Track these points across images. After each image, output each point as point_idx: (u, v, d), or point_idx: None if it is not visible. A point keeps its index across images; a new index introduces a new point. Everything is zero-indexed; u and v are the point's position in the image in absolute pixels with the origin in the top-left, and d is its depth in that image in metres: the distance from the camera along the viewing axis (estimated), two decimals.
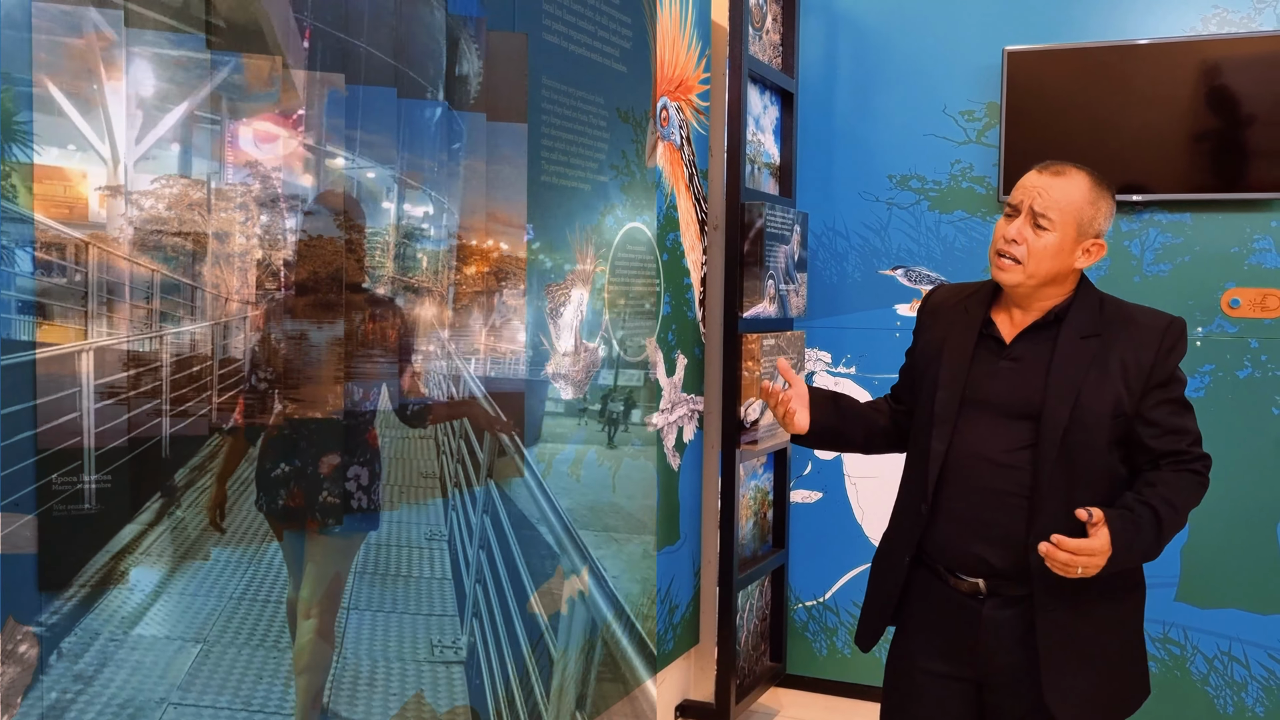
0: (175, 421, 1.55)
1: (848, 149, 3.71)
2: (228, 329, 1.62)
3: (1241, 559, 3.29)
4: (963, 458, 1.93)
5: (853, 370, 3.73)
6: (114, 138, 1.43)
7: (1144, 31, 3.32)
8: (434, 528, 2.08)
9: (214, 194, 1.58)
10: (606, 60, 2.67)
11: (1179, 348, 1.89)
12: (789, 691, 3.82)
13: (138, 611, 1.52)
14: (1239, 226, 3.25)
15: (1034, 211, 1.87)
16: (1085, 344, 1.89)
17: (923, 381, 2.03)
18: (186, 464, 1.57)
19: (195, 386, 1.58)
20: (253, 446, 1.69)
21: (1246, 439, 3.26)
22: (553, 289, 2.45)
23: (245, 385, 1.67)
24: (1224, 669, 3.32)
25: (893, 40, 3.63)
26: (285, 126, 1.67)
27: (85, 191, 1.40)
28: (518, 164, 2.29)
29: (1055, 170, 1.89)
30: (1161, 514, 1.84)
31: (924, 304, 2.14)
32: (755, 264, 3.25)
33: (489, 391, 2.21)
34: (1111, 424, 1.86)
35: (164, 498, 1.55)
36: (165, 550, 1.56)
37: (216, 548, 1.64)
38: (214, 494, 1.63)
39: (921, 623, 2.02)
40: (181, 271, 1.54)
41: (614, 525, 2.76)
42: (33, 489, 1.38)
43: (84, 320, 1.42)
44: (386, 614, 1.98)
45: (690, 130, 3.23)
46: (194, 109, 1.54)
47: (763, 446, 3.36)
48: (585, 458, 2.62)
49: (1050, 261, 1.87)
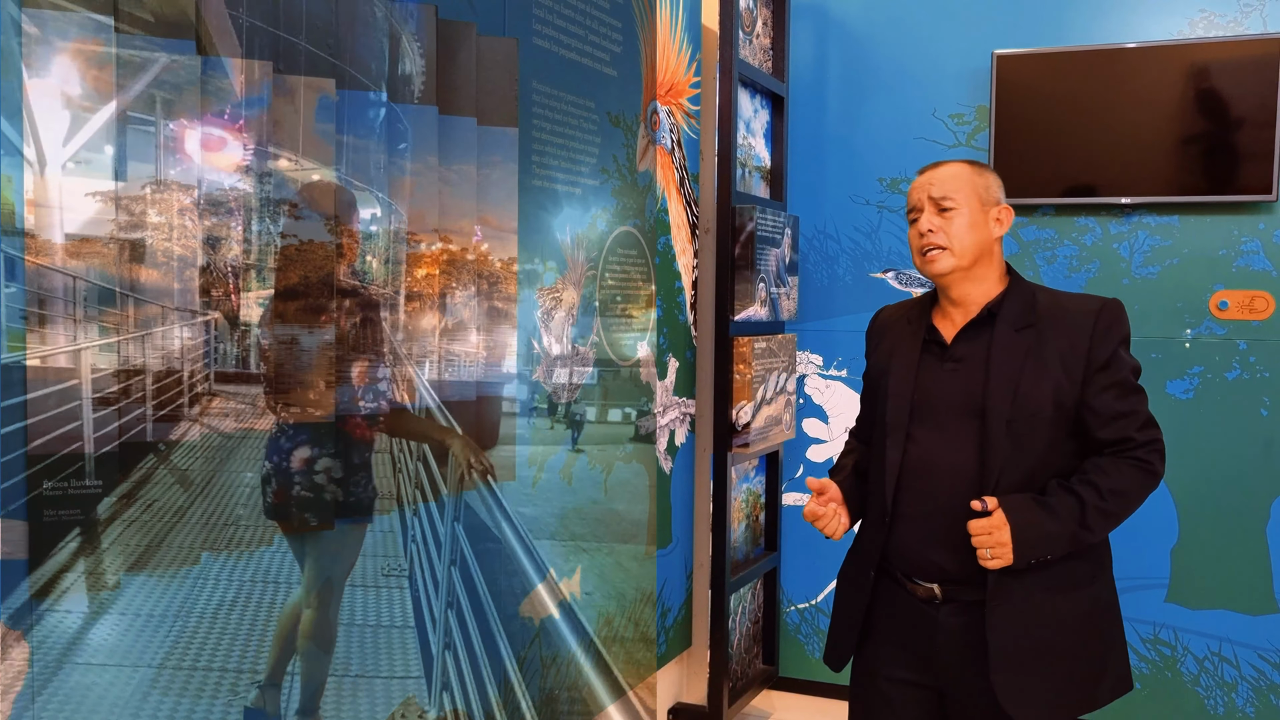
0: (115, 435, 1.44)
1: (838, 152, 3.72)
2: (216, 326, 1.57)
3: (1231, 560, 3.30)
4: (916, 464, 1.95)
5: (844, 373, 3.74)
6: (39, 140, 1.35)
7: (1132, 35, 3.33)
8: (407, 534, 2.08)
9: (151, 200, 1.49)
10: (597, 64, 2.68)
11: (1115, 329, 1.89)
12: (781, 694, 3.82)
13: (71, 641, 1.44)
14: (1227, 229, 3.27)
15: (934, 199, 1.94)
16: (1020, 336, 1.90)
17: (877, 397, 2.06)
18: (131, 472, 1.48)
19: (134, 399, 1.47)
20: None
21: (1235, 440, 3.27)
22: (544, 293, 2.45)
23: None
24: (1214, 670, 3.33)
25: (882, 44, 3.64)
26: (228, 130, 1.61)
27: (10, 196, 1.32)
28: (508, 168, 2.30)
29: (933, 165, 2.00)
30: (1085, 499, 1.84)
31: (871, 326, 2.18)
32: (746, 267, 3.26)
33: (459, 399, 2.21)
34: (1054, 414, 1.87)
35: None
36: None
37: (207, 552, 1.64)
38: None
39: (884, 630, 2.02)
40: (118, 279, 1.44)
41: (607, 531, 2.77)
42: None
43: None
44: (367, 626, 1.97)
45: (681, 134, 3.23)
46: (126, 109, 1.45)
47: (754, 449, 3.36)
48: (551, 462, 2.62)
49: (970, 235, 1.92)
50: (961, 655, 1.91)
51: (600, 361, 2.71)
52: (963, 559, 1.89)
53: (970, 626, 1.90)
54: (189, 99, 1.54)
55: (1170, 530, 3.35)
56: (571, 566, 2.60)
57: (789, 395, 3.62)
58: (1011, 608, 1.87)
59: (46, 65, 1.36)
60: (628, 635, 2.90)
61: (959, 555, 1.89)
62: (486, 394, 2.24)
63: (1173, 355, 3.32)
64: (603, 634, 2.75)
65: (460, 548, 2.18)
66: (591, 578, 2.69)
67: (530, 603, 2.42)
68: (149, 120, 1.49)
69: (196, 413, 1.58)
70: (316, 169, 1.77)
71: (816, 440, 3.80)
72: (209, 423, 1.59)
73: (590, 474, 2.69)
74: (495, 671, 2.28)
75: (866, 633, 2.05)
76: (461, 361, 2.17)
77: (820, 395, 3.79)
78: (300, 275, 1.74)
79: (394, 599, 1.98)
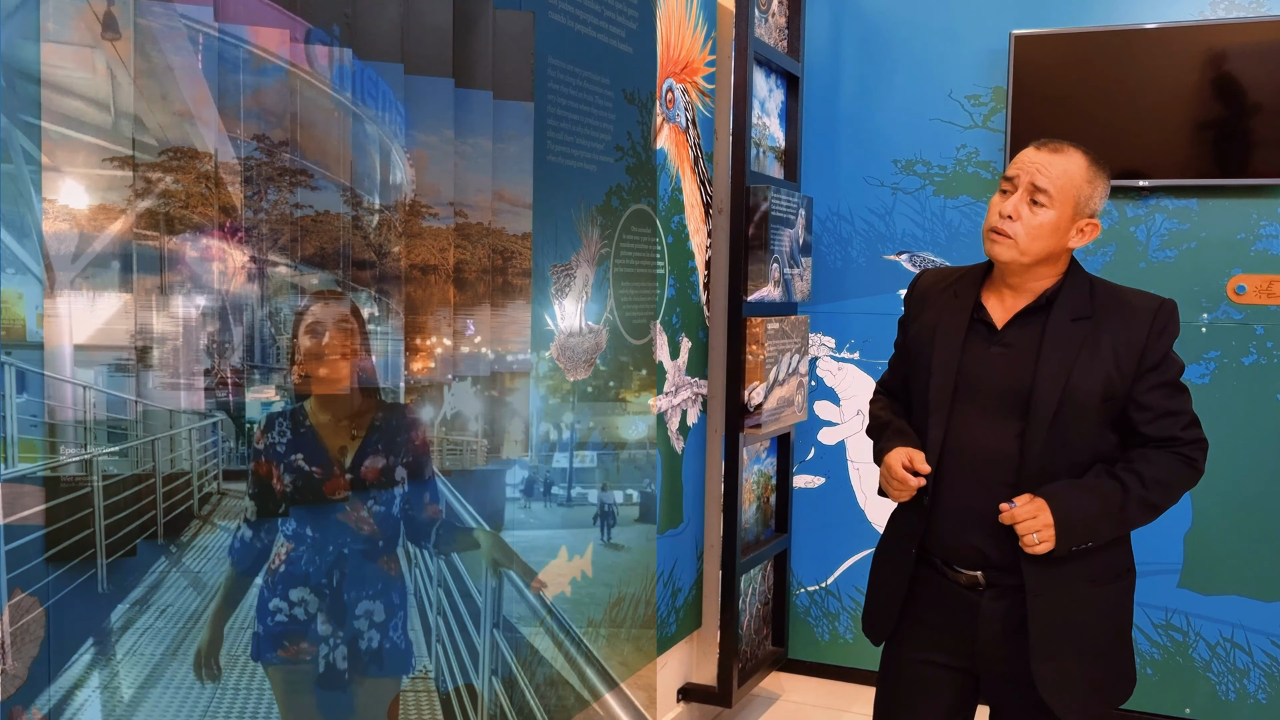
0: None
1: (853, 133, 3.70)
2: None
3: (1245, 546, 3.28)
4: (957, 448, 1.92)
5: (856, 355, 3.73)
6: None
7: (1151, 16, 3.30)
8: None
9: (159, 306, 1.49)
10: (613, 41, 2.66)
11: (1170, 329, 1.88)
12: (791, 676, 3.83)
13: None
14: (1246, 213, 3.24)
15: (1033, 187, 1.85)
16: (1076, 326, 1.87)
17: (916, 369, 2.01)
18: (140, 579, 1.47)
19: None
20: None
21: (1251, 426, 3.25)
22: (557, 270, 2.44)
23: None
24: (1226, 656, 3.32)
25: (898, 24, 3.61)
26: (226, 240, 1.60)
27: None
28: (524, 143, 2.28)
29: (1054, 147, 1.88)
30: (1129, 486, 1.83)
31: (911, 290, 2.11)
32: (760, 248, 3.24)
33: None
34: (1102, 406, 1.85)
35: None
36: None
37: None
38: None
39: (920, 614, 2.01)
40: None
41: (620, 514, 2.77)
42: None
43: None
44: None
45: (695, 113, 3.21)
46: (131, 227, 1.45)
47: (766, 431, 3.36)
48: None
49: (1045, 240, 1.85)
50: (1002, 640, 1.90)
51: (612, 338, 2.70)
52: (1004, 546, 1.87)
53: (1012, 611, 1.89)
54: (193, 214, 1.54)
55: (1184, 515, 3.34)
56: (583, 544, 2.60)
57: (801, 377, 3.61)
58: (1053, 598, 1.85)
59: (56, 187, 1.37)
60: (638, 614, 2.90)
61: (1000, 541, 1.87)
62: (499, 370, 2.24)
63: (1189, 340, 3.29)
64: (613, 613, 2.75)
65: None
66: (602, 556, 2.69)
67: (540, 580, 2.42)
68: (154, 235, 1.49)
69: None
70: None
71: (828, 423, 3.79)
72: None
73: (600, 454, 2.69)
74: (500, 649, 2.29)
75: (900, 615, 2.03)
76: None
77: (832, 378, 3.78)
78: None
79: (391, 583, 1.98)
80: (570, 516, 2.55)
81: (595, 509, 2.66)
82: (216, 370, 1.59)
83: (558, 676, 2.48)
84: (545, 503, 2.44)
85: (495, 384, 2.22)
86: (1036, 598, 1.85)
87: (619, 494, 2.77)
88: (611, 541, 2.73)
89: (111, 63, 1.41)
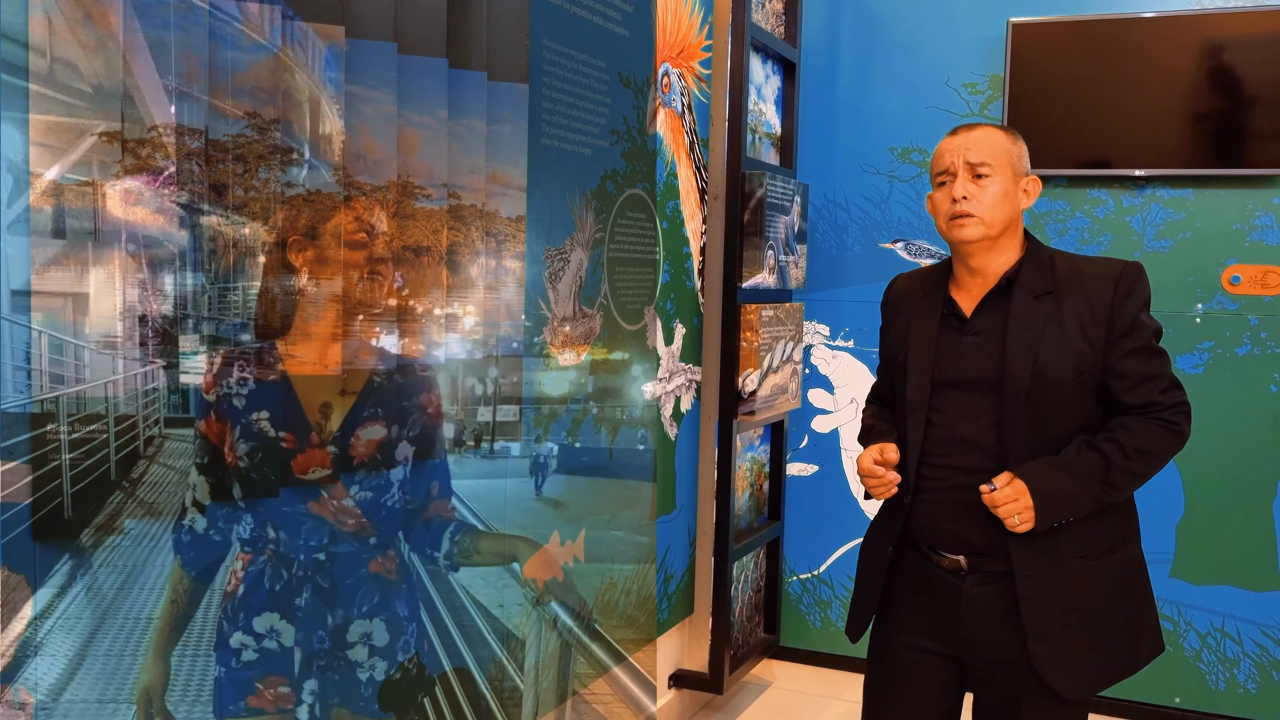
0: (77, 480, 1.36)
1: (849, 120, 3.68)
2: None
3: (1237, 536, 3.29)
4: (938, 440, 1.93)
5: (850, 344, 3.72)
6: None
7: (1149, 5, 3.29)
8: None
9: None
10: (609, 23, 2.64)
11: (1137, 291, 1.87)
12: (782, 663, 3.83)
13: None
14: (1241, 203, 3.24)
15: (970, 164, 1.90)
16: (1039, 303, 1.88)
17: (897, 373, 2.04)
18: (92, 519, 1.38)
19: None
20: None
21: (1245, 416, 3.25)
22: (551, 253, 2.43)
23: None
24: (1217, 645, 3.33)
25: (896, 11, 3.60)
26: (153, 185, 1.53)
27: None
28: (518, 125, 2.27)
29: (968, 128, 1.96)
30: (1110, 457, 1.83)
31: (885, 298, 2.16)
32: (755, 234, 3.23)
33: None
34: (1076, 381, 1.85)
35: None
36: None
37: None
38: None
39: (906, 600, 2.02)
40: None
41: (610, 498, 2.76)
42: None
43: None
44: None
45: (691, 98, 3.20)
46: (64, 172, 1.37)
47: (760, 418, 3.35)
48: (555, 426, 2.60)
49: (1002, 206, 1.89)
50: (987, 625, 1.90)
51: (607, 323, 2.69)
52: (987, 530, 1.88)
53: (996, 596, 1.89)
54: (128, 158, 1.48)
55: (1176, 505, 3.34)
56: (575, 530, 2.60)
57: (795, 365, 3.61)
58: (1042, 578, 1.86)
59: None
60: (630, 601, 2.90)
61: (983, 527, 1.88)
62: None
63: (1183, 330, 3.29)
64: (605, 598, 2.75)
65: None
66: (595, 542, 2.69)
67: (534, 565, 2.41)
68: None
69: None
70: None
71: (822, 410, 3.79)
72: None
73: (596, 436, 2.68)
74: (495, 632, 2.28)
75: (886, 601, 2.04)
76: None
77: (826, 366, 3.77)
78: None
79: (392, 591, 1.96)
80: (564, 505, 2.54)
81: (589, 498, 2.66)
82: (152, 319, 1.44)
83: (551, 660, 2.48)
84: (537, 493, 2.44)
85: (485, 368, 2.21)
86: (1026, 579, 1.85)
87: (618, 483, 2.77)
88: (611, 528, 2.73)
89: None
